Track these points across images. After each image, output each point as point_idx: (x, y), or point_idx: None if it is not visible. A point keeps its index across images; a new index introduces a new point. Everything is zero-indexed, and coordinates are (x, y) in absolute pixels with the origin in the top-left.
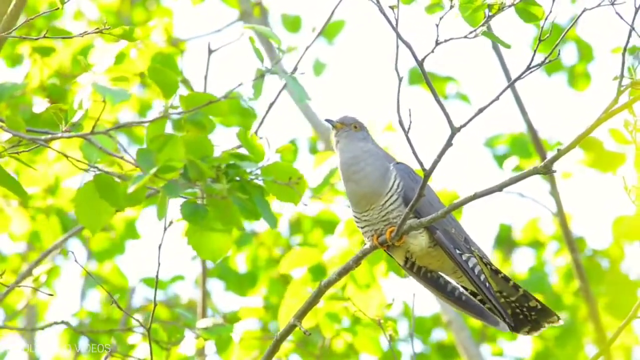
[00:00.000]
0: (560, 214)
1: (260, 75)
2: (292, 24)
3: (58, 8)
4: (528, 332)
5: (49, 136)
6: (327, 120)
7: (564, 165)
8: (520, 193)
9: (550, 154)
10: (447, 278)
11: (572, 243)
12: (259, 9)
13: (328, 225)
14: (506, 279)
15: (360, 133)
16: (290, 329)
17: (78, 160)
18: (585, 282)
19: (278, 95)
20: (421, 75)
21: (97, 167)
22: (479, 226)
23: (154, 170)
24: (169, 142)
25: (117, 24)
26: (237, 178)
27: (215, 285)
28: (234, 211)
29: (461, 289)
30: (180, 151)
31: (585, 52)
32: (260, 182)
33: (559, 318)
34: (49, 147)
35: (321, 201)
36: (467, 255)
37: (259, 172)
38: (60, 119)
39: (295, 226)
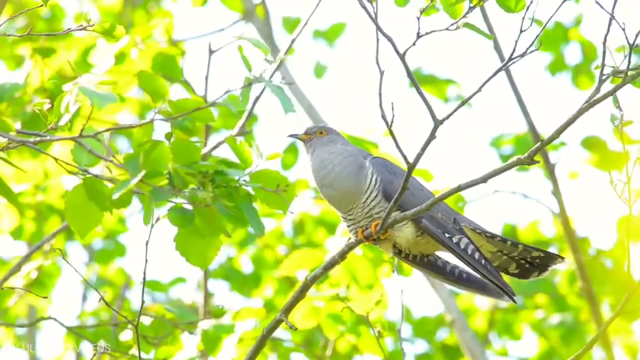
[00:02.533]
0: (562, 215)
1: (248, 84)
2: (293, 26)
3: (42, 5)
4: (538, 275)
5: (38, 138)
6: (291, 136)
7: (569, 165)
8: (524, 194)
9: (553, 153)
10: (445, 258)
11: (574, 243)
12: (262, 8)
13: (331, 226)
14: (504, 240)
15: (327, 137)
16: (276, 324)
17: (67, 164)
18: (587, 283)
19: (263, 90)
20: (423, 78)
21: (86, 171)
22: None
23: (140, 176)
24: (157, 147)
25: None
26: (225, 185)
27: (220, 286)
28: (219, 218)
29: (461, 267)
30: (167, 157)
31: (588, 51)
32: (249, 189)
33: (563, 259)
34: (38, 150)
35: (323, 202)
36: (457, 237)
37: (247, 178)
38: (45, 117)
39: (299, 226)
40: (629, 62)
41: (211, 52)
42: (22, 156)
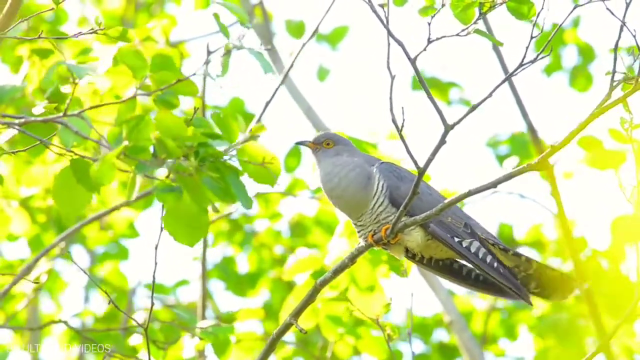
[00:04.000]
0: (561, 215)
1: (227, 52)
2: (296, 29)
3: (52, 8)
4: (560, 299)
5: (23, 120)
6: (299, 143)
7: (564, 165)
8: (520, 194)
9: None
10: (461, 261)
11: (572, 244)
12: (260, 10)
13: (328, 226)
14: (517, 254)
15: (333, 149)
16: (286, 327)
17: (54, 145)
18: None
19: (274, 95)
20: (425, 81)
21: (73, 152)
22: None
23: (122, 146)
24: (140, 122)
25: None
26: (211, 159)
27: (216, 286)
28: (204, 189)
29: (477, 270)
30: (151, 131)
31: (586, 53)
32: (236, 164)
33: (582, 282)
34: (23, 132)
35: (320, 202)
36: (468, 241)
37: (233, 152)
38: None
39: (296, 227)
40: None
41: (209, 52)
42: (23, 161)
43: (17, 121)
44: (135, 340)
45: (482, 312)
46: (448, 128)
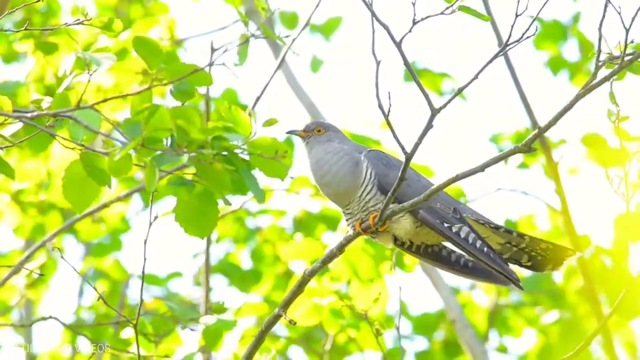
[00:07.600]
0: (565, 213)
1: (245, 41)
2: (290, 21)
3: (38, 0)
4: (552, 269)
5: (35, 113)
6: (290, 132)
7: (569, 162)
8: (524, 191)
9: (553, 151)
10: (450, 247)
11: (576, 242)
12: (265, 6)
13: (331, 222)
14: (509, 231)
15: (324, 135)
16: (275, 318)
17: (65, 139)
18: (589, 281)
19: (270, 80)
20: (417, 72)
21: (83, 146)
22: None
23: (142, 135)
24: (156, 112)
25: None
26: (225, 153)
27: (219, 282)
28: (224, 177)
29: (466, 256)
30: (167, 121)
31: (587, 49)
32: (247, 157)
33: (574, 252)
34: (35, 125)
35: (323, 198)
36: (457, 226)
37: (245, 146)
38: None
39: (299, 223)
40: (625, 46)
41: (213, 50)
42: (24, 155)
43: (29, 114)
44: (128, 334)
45: (485, 309)
46: (435, 111)
